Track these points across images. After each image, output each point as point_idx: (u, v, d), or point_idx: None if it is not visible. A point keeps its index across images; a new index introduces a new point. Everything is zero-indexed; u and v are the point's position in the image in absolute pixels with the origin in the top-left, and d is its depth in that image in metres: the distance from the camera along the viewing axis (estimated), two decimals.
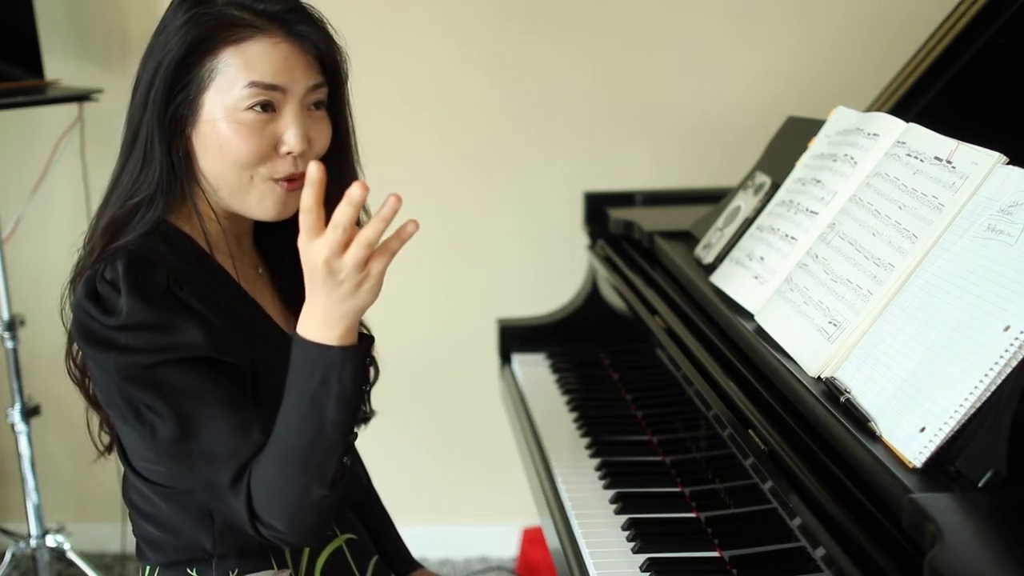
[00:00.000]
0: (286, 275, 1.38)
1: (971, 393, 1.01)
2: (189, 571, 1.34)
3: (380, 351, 1.65)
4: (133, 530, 1.39)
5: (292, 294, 1.38)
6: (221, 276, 1.31)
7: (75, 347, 1.34)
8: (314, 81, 1.27)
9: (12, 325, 2.44)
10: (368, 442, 1.53)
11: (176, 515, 1.32)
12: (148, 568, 1.37)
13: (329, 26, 1.30)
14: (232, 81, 1.23)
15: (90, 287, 1.22)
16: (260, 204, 1.28)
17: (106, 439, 1.42)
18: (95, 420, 1.41)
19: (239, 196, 1.28)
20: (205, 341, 1.21)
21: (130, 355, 1.19)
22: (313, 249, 1.11)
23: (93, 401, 1.38)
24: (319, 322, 1.14)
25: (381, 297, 1.60)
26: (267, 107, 1.24)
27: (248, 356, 1.26)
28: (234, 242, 1.35)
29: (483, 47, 2.69)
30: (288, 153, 1.26)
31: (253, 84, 1.23)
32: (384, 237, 1.13)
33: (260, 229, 1.41)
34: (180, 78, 1.24)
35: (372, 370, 1.45)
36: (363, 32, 2.62)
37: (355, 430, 1.31)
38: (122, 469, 1.41)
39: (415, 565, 1.61)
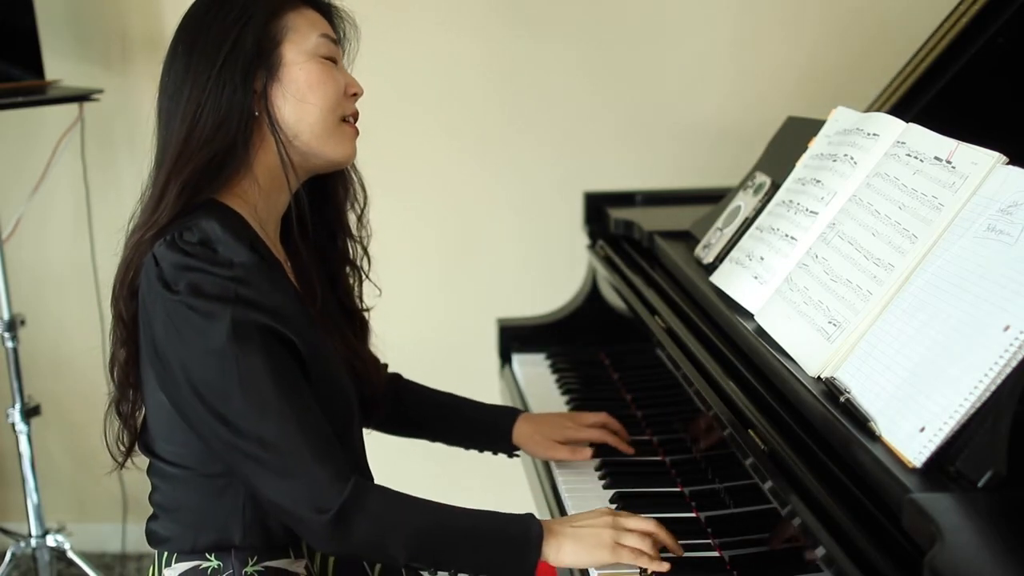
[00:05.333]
0: (300, 262, 1.44)
1: (971, 393, 1.00)
2: (208, 555, 1.34)
3: (380, 351, 1.65)
4: (149, 524, 1.38)
5: (306, 277, 1.44)
6: (269, 254, 1.34)
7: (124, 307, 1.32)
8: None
9: (12, 325, 2.44)
10: (369, 442, 1.53)
11: (205, 505, 1.33)
12: (166, 555, 1.37)
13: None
14: (306, 33, 1.35)
15: (181, 246, 1.24)
16: (340, 145, 1.37)
17: (123, 445, 1.40)
18: (113, 428, 1.39)
19: (323, 138, 1.35)
20: (294, 311, 1.29)
21: (247, 310, 1.23)
22: (632, 522, 1.33)
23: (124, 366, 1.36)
24: (561, 529, 1.30)
25: (381, 297, 1.61)
26: (333, 60, 1.37)
27: (302, 339, 1.30)
28: (272, 219, 1.39)
29: (483, 47, 2.69)
30: (354, 94, 1.39)
31: (324, 35, 1.36)
32: None
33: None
34: (259, 39, 1.31)
35: None
36: (361, 31, 2.61)
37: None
38: (122, 471, 1.40)
39: None
